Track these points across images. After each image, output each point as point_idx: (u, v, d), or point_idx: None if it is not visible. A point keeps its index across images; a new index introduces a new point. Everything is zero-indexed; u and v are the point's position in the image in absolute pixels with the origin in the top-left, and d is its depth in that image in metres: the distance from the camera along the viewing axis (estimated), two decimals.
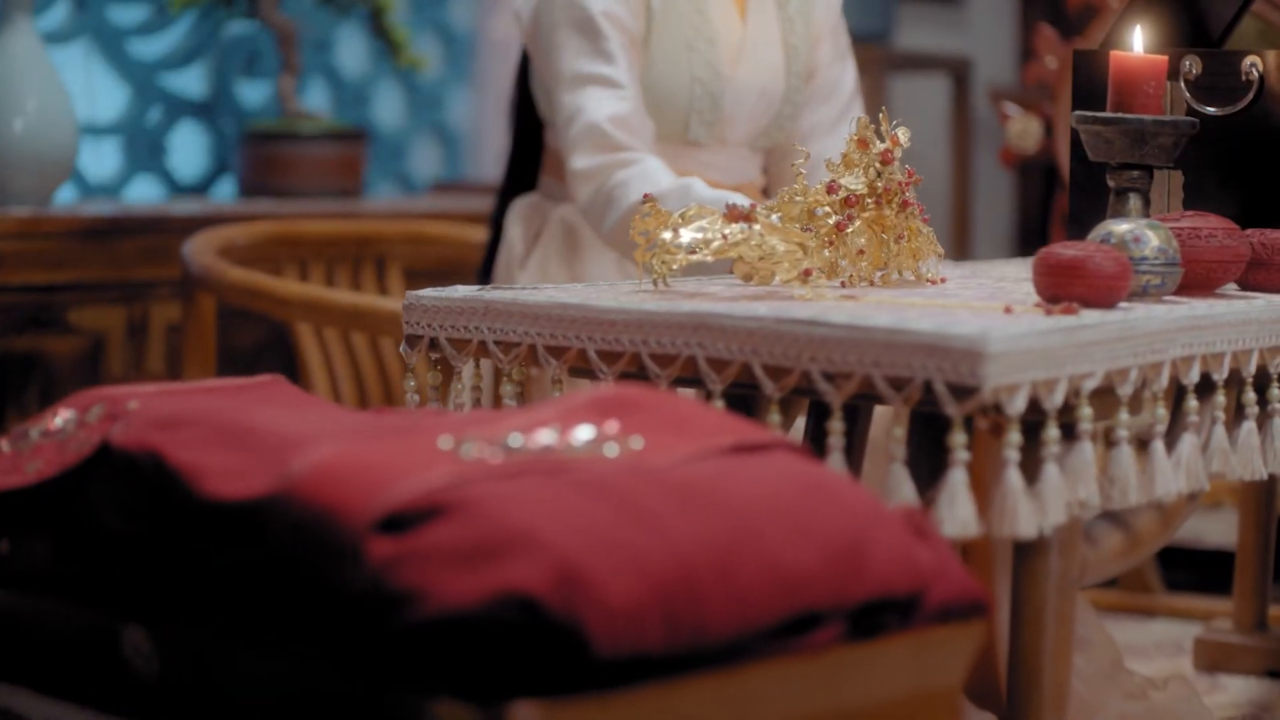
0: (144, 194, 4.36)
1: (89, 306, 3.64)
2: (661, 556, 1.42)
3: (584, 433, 1.62)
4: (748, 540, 1.49)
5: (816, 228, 2.22)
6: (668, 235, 2.14)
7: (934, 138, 5.88)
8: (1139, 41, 2.45)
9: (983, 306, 2.05)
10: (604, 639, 1.37)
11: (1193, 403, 2.11)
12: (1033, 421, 1.92)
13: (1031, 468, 1.91)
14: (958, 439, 1.85)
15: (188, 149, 4.44)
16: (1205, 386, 2.16)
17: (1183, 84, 2.58)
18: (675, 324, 2.00)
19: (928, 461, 2.10)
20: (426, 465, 1.50)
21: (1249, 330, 2.17)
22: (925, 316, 1.93)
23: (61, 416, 1.79)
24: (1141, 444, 2.08)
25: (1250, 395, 2.20)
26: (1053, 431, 1.92)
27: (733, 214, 2.14)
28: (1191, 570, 4.02)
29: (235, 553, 1.56)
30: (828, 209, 2.23)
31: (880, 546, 1.57)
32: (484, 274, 3.10)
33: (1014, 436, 1.88)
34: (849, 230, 2.23)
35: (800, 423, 2.25)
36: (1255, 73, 2.54)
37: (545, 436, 1.60)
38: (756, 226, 2.14)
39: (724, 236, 2.13)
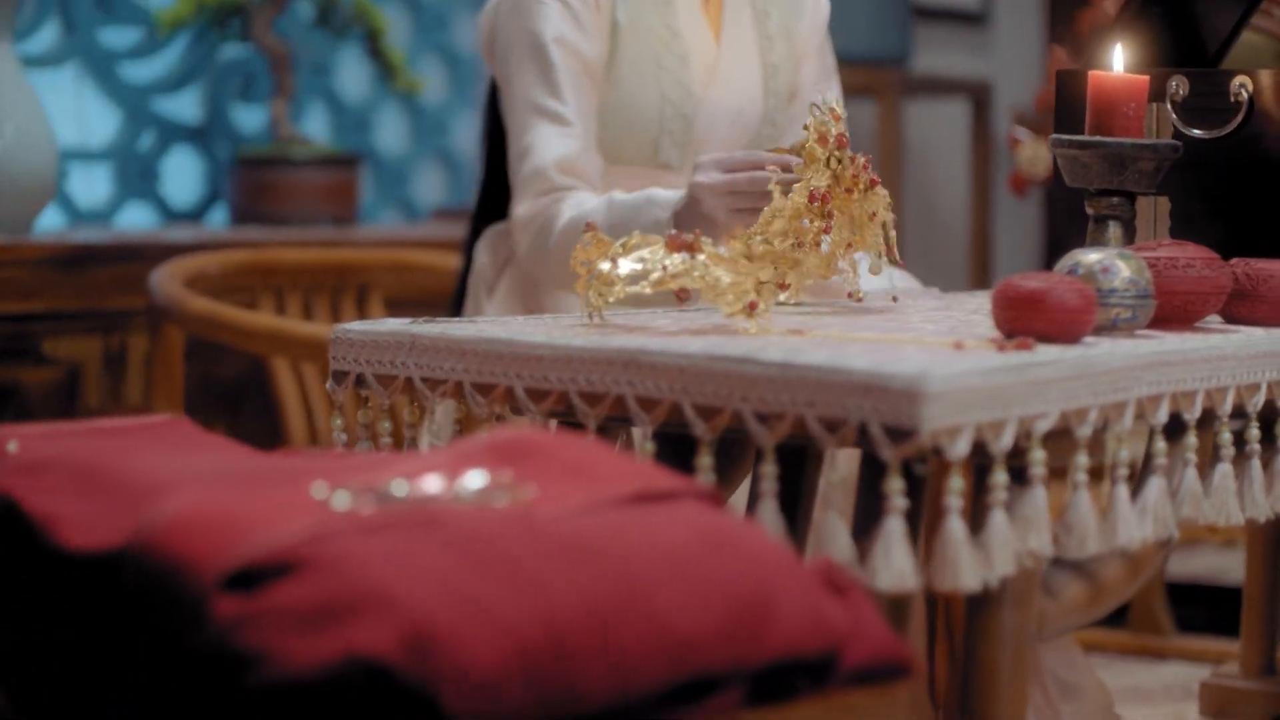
0: (136, 221, 4.26)
1: (64, 336, 3.53)
2: (528, 616, 1.31)
3: (473, 480, 1.50)
4: (632, 597, 1.37)
5: (801, 237, 2.15)
6: (606, 265, 2.04)
7: (954, 164, 5.75)
8: (1119, 60, 2.33)
9: (933, 342, 1.93)
10: (459, 704, 1.26)
11: (1160, 444, 1.99)
12: (982, 465, 1.80)
13: (978, 515, 1.79)
14: (893, 484, 1.73)
15: (181, 175, 4.34)
16: (1178, 427, 2.03)
17: (1169, 105, 2.46)
18: (604, 360, 1.89)
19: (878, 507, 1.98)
20: (288, 517, 1.39)
21: (1224, 366, 2.04)
22: (865, 353, 1.81)
23: None
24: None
25: (1226, 436, 2.07)
26: (1000, 476, 1.79)
27: (674, 244, 2.03)
28: (1207, 609, 3.88)
29: (92, 607, 1.46)
30: (809, 220, 2.16)
31: (787, 603, 1.46)
32: (456, 303, 3.00)
33: (955, 482, 1.76)
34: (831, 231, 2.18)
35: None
36: (1245, 94, 2.42)
37: (431, 484, 1.49)
38: (700, 257, 2.03)
39: (664, 268, 2.02)
